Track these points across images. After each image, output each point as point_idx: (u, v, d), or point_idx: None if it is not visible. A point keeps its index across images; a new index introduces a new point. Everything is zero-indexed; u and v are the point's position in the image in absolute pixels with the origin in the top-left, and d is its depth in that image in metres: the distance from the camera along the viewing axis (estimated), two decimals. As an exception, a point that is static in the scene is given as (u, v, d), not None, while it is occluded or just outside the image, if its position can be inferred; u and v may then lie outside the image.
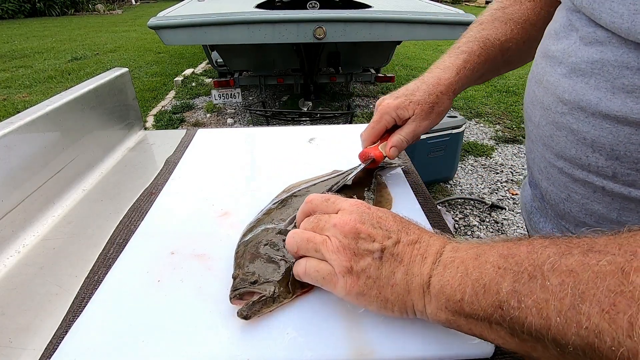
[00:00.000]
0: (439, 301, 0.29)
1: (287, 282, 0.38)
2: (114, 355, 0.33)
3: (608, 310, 0.20)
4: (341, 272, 0.33)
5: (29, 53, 5.97)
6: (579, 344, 0.21)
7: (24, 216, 0.53)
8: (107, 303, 0.39)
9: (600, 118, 0.35)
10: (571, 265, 0.23)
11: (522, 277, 0.25)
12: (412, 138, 0.54)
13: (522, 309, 0.24)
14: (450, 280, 0.29)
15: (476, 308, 0.27)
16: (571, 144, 0.39)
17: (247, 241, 0.44)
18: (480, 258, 0.28)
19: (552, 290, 0.23)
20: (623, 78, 0.33)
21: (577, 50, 0.38)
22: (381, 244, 0.32)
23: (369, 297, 0.32)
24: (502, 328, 0.26)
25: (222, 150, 0.71)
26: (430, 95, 0.53)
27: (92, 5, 11.56)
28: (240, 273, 0.39)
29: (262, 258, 0.40)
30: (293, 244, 0.36)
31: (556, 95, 0.40)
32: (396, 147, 0.54)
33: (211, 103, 3.82)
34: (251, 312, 0.35)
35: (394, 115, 0.54)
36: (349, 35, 2.39)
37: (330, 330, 0.35)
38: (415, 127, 0.54)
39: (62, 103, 0.62)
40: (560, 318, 0.22)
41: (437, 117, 0.55)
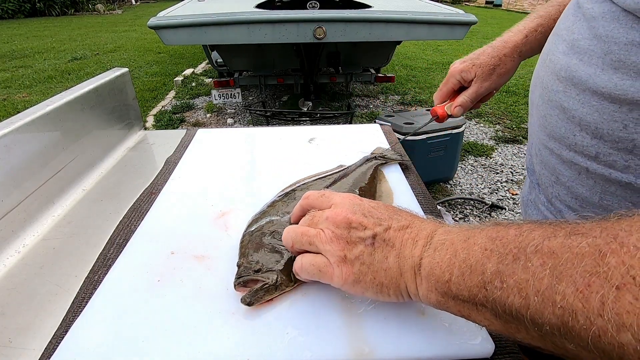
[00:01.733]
0: (429, 282, 0.30)
1: (289, 270, 0.39)
2: (114, 355, 0.33)
3: (582, 290, 0.21)
4: (336, 261, 0.34)
5: (29, 53, 5.97)
6: (554, 323, 0.22)
7: (24, 216, 0.53)
8: (107, 303, 0.39)
9: (589, 95, 0.36)
10: (553, 247, 0.23)
11: (507, 258, 0.25)
12: (474, 98, 0.59)
13: (504, 289, 0.24)
14: (439, 262, 0.29)
15: (462, 288, 0.27)
16: (561, 122, 0.39)
17: (252, 231, 0.45)
18: (469, 240, 0.28)
19: (533, 271, 0.23)
20: (611, 54, 0.34)
21: (579, 27, 0.38)
22: (372, 231, 0.33)
23: (364, 283, 0.33)
24: (487, 309, 0.26)
25: (222, 150, 0.71)
26: (493, 58, 0.58)
27: (92, 5, 11.55)
28: (245, 261, 0.40)
29: (266, 248, 0.42)
30: (288, 239, 0.37)
31: (554, 72, 0.40)
32: (460, 106, 0.59)
33: (211, 103, 3.82)
34: (254, 299, 0.36)
35: (458, 78, 0.60)
36: (349, 35, 2.39)
37: (330, 330, 0.35)
38: (477, 87, 0.59)
39: (62, 103, 0.62)
40: (537, 297, 0.22)
41: (498, 78, 0.58)
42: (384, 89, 4.34)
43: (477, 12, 3.98)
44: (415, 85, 4.38)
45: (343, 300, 0.38)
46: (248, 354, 0.33)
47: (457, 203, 2.35)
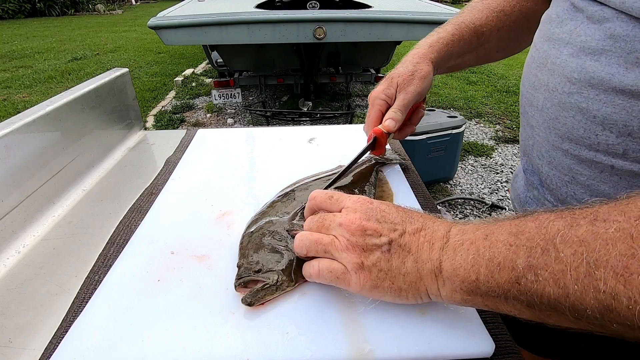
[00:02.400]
0: (453, 283, 0.30)
1: (289, 270, 0.39)
2: (114, 355, 0.33)
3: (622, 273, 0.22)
4: (353, 269, 0.34)
5: (29, 53, 5.97)
6: (596, 307, 0.23)
7: (24, 216, 0.53)
8: (107, 303, 0.39)
9: (613, 94, 0.36)
10: (581, 236, 0.24)
11: (536, 251, 0.26)
12: (403, 106, 0.56)
13: (540, 282, 0.25)
14: (462, 263, 0.29)
15: (492, 286, 0.28)
16: (579, 123, 0.39)
17: (251, 232, 0.45)
18: (490, 238, 0.29)
19: (567, 261, 0.24)
20: (636, 52, 0.34)
21: (586, 29, 0.38)
22: (388, 237, 0.33)
23: (382, 288, 0.33)
24: (519, 302, 0.27)
25: (222, 150, 0.71)
26: (407, 67, 0.57)
27: (92, 5, 11.56)
28: (245, 262, 0.40)
29: (266, 248, 0.42)
30: (302, 247, 0.37)
31: (563, 75, 0.40)
32: (391, 119, 0.55)
33: (211, 103, 3.82)
34: (255, 299, 0.36)
35: (383, 97, 0.57)
36: (349, 35, 2.39)
37: (330, 329, 0.35)
38: (403, 95, 0.56)
39: (62, 103, 0.62)
40: (577, 286, 0.23)
41: (420, 81, 0.56)
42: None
43: (477, 12, 3.99)
44: (415, 85, 4.37)
45: (343, 300, 0.38)
46: (248, 353, 0.33)
47: (457, 203, 2.35)
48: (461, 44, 0.59)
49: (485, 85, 4.34)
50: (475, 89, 4.26)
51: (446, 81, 4.49)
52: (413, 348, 0.34)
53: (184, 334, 0.35)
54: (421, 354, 0.33)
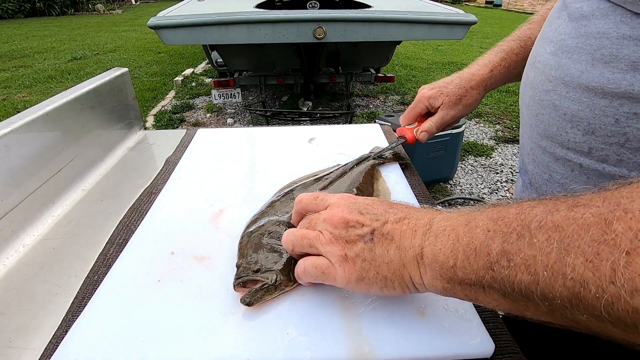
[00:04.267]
0: (434, 270, 0.30)
1: (288, 270, 0.39)
2: (114, 355, 0.33)
3: (592, 259, 0.21)
4: (337, 261, 0.34)
5: (29, 53, 5.97)
6: (565, 296, 0.22)
7: (24, 216, 0.53)
8: (107, 303, 0.39)
9: (580, 91, 0.37)
10: (557, 221, 0.23)
11: (511, 237, 0.25)
12: (440, 125, 0.62)
13: (512, 268, 0.24)
14: (442, 248, 0.29)
15: (468, 272, 0.27)
16: (553, 120, 0.40)
17: (250, 232, 0.45)
18: (471, 224, 0.28)
19: (539, 246, 0.23)
20: (602, 49, 0.35)
21: (565, 27, 0.39)
22: (370, 227, 0.33)
23: (368, 279, 0.33)
24: (495, 290, 0.26)
25: (222, 150, 0.71)
26: (460, 89, 0.60)
27: (92, 5, 11.55)
28: (244, 262, 0.40)
29: (265, 248, 0.42)
30: (288, 242, 0.38)
31: (544, 73, 0.41)
32: (426, 132, 0.62)
33: (211, 103, 3.82)
34: (254, 299, 0.36)
35: (426, 104, 0.62)
36: (349, 35, 2.39)
37: (330, 330, 0.35)
38: (443, 115, 0.61)
39: (62, 103, 0.62)
40: (547, 272, 0.22)
41: (464, 108, 0.61)
42: (384, 89, 4.34)
43: (477, 12, 3.98)
44: (415, 85, 4.38)
45: (343, 300, 0.38)
46: (248, 354, 0.33)
47: (457, 203, 2.35)
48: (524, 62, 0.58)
49: (485, 85, 4.34)
50: (475, 89, 4.26)
51: (446, 81, 4.49)
52: (413, 348, 0.34)
53: (184, 334, 0.35)
54: (421, 354, 0.33)
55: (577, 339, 0.51)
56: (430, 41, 6.35)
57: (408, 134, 0.63)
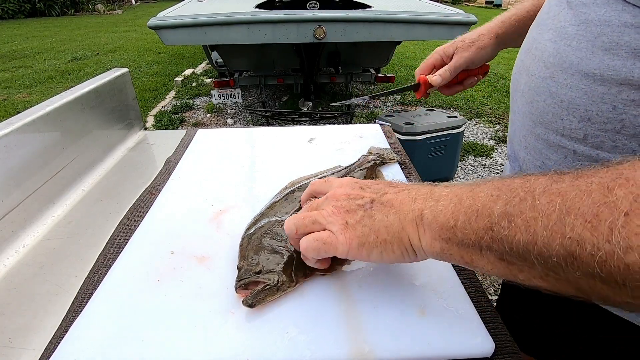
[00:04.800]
0: (433, 230, 0.31)
1: (290, 271, 0.39)
2: (114, 355, 0.33)
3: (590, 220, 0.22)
4: (338, 229, 0.35)
5: (29, 53, 5.97)
6: (561, 254, 0.23)
7: (24, 216, 0.53)
8: (107, 303, 0.39)
9: (578, 78, 0.37)
10: (561, 188, 0.24)
11: (514, 200, 0.26)
12: (454, 69, 0.63)
13: (512, 228, 0.25)
14: (443, 210, 0.30)
15: (468, 232, 0.28)
16: (548, 107, 0.40)
17: (251, 234, 0.45)
18: (475, 190, 0.29)
19: (541, 208, 0.24)
20: (603, 36, 0.35)
21: (565, 14, 0.40)
22: (370, 197, 0.35)
23: (368, 244, 0.34)
24: (492, 252, 0.27)
25: (222, 150, 0.71)
26: (472, 35, 0.64)
27: (92, 5, 11.55)
28: (245, 264, 0.40)
29: (266, 249, 0.42)
30: (291, 225, 0.38)
31: (542, 60, 0.41)
32: (440, 76, 0.63)
33: (211, 103, 3.82)
34: (256, 301, 0.36)
35: (440, 53, 0.65)
36: (349, 35, 2.39)
37: (330, 330, 0.35)
38: (457, 59, 0.63)
39: (62, 103, 0.62)
40: (546, 232, 0.23)
41: (477, 51, 0.63)
42: (384, 89, 4.34)
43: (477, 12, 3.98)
44: (415, 85, 4.38)
45: (343, 300, 0.38)
46: (248, 353, 0.33)
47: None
48: (521, 24, 0.61)
49: (485, 85, 4.34)
50: (475, 89, 4.26)
51: (446, 81, 4.49)
52: (413, 348, 0.34)
53: (183, 334, 0.35)
54: (421, 354, 0.33)
55: (578, 340, 0.51)
56: (430, 41, 6.35)
57: (421, 78, 0.64)
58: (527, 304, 0.60)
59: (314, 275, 0.41)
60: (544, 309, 0.56)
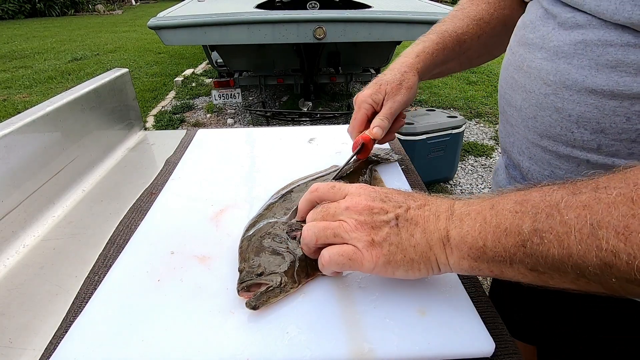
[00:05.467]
0: (461, 251, 0.32)
1: (292, 272, 0.39)
2: (114, 355, 0.33)
3: (622, 232, 0.24)
4: (364, 247, 0.34)
5: (29, 53, 5.97)
6: (598, 265, 0.25)
7: (24, 216, 0.53)
8: (107, 303, 0.39)
9: (586, 94, 0.37)
10: (584, 201, 0.26)
11: (541, 216, 0.27)
12: (390, 115, 0.58)
13: (545, 244, 0.27)
14: (469, 231, 0.31)
15: (499, 251, 0.29)
16: (556, 122, 0.41)
17: (250, 235, 0.45)
18: (496, 207, 0.30)
19: (571, 223, 0.26)
20: (607, 55, 0.35)
21: (557, 35, 0.40)
22: (394, 213, 0.35)
23: (395, 263, 0.34)
24: (524, 265, 0.29)
25: (222, 150, 0.71)
26: (396, 75, 0.58)
27: (92, 5, 11.56)
28: (246, 266, 0.40)
29: (267, 250, 0.41)
30: (312, 236, 0.37)
31: (539, 78, 0.42)
32: (378, 127, 0.57)
33: (211, 103, 3.82)
34: (259, 303, 0.36)
35: (370, 102, 0.58)
36: (349, 35, 2.39)
37: (330, 329, 0.35)
38: (390, 104, 0.58)
39: (62, 103, 0.62)
40: (581, 246, 0.25)
41: (407, 91, 0.58)
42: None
43: (477, 12, 3.98)
44: (415, 85, 4.37)
45: (343, 300, 0.38)
46: (248, 353, 0.33)
47: (457, 203, 2.34)
48: (445, 52, 0.61)
49: (485, 85, 4.34)
50: (475, 89, 4.26)
51: (446, 81, 4.49)
52: (413, 348, 0.34)
53: (184, 334, 0.35)
54: (421, 353, 0.33)
55: (579, 341, 0.51)
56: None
57: (362, 137, 0.56)
58: (521, 298, 0.60)
59: (316, 276, 0.41)
60: (540, 305, 0.56)
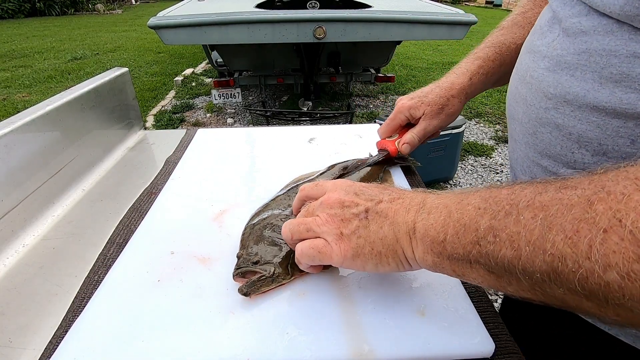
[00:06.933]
0: (425, 244, 0.31)
1: (286, 264, 0.40)
2: (114, 355, 0.33)
3: (571, 236, 0.22)
4: (333, 239, 0.35)
5: (29, 53, 5.96)
6: (544, 270, 0.23)
7: (24, 216, 0.53)
8: (107, 303, 0.39)
9: (587, 111, 0.35)
10: (544, 201, 0.24)
11: (499, 214, 0.26)
12: (423, 136, 0.60)
13: (497, 243, 0.25)
14: (433, 224, 0.30)
15: (457, 247, 0.28)
16: (556, 140, 0.38)
17: (253, 224, 0.46)
18: (463, 202, 0.29)
19: (524, 223, 0.24)
20: (611, 67, 0.33)
21: (562, 42, 0.37)
22: (365, 206, 0.34)
23: (363, 256, 0.34)
24: (481, 265, 0.27)
25: (222, 150, 0.71)
26: (441, 98, 0.58)
27: (92, 5, 11.55)
28: (244, 253, 0.41)
29: (266, 240, 0.43)
30: (287, 232, 0.38)
31: (540, 90, 0.39)
32: (408, 144, 0.59)
33: (211, 103, 3.82)
34: (251, 290, 0.37)
35: (407, 114, 0.60)
36: (349, 35, 2.39)
37: (329, 330, 0.35)
38: (425, 125, 0.59)
39: (62, 103, 0.62)
40: (529, 247, 0.23)
41: (446, 118, 0.59)
42: (384, 89, 4.34)
43: (477, 12, 3.99)
44: (415, 85, 4.38)
45: (343, 300, 0.38)
46: (248, 353, 0.33)
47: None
48: (502, 68, 0.58)
49: (485, 85, 4.34)
50: (475, 89, 4.26)
51: (446, 81, 4.49)
52: (413, 348, 0.34)
53: (184, 334, 0.35)
54: (421, 354, 0.33)
55: (579, 342, 0.51)
56: (430, 41, 6.35)
57: (390, 147, 0.61)
58: (532, 313, 0.59)
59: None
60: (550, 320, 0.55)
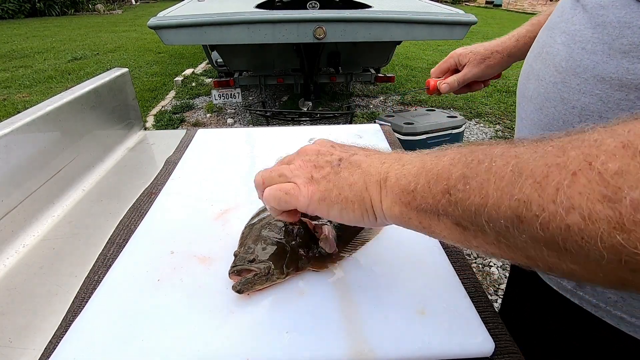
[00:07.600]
0: (394, 193, 0.30)
1: (282, 263, 0.40)
2: (114, 355, 0.33)
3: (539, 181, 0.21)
4: (302, 182, 0.35)
5: (29, 53, 5.97)
6: (508, 216, 0.22)
7: (24, 216, 0.53)
8: (107, 303, 0.39)
9: (593, 83, 0.36)
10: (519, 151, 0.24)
11: (472, 163, 0.25)
12: (463, 81, 0.69)
13: (467, 191, 0.25)
14: (406, 173, 0.30)
15: (426, 196, 0.28)
16: (559, 114, 0.39)
17: (252, 224, 0.47)
18: (439, 154, 0.29)
19: (495, 170, 0.23)
20: (622, 38, 0.33)
21: (580, 18, 0.38)
22: (339, 155, 0.35)
23: (329, 200, 0.33)
24: (448, 218, 0.27)
25: (222, 150, 0.71)
26: (486, 50, 0.67)
27: (92, 5, 11.55)
28: (241, 251, 0.41)
29: (264, 240, 0.43)
30: (259, 178, 0.38)
31: (553, 64, 0.40)
32: (447, 84, 0.69)
33: (211, 103, 3.82)
34: (244, 287, 0.38)
35: (455, 59, 0.70)
36: (349, 35, 2.39)
37: (329, 330, 0.35)
38: (466, 72, 0.68)
39: (62, 103, 0.62)
40: (497, 193, 0.23)
41: (486, 69, 0.67)
42: (384, 89, 4.34)
43: (477, 12, 4.00)
44: (415, 85, 4.38)
45: (343, 300, 0.38)
46: (247, 353, 0.33)
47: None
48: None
49: (485, 85, 4.34)
50: (475, 89, 4.26)
51: (446, 81, 4.49)
52: (412, 348, 0.34)
53: (183, 334, 0.35)
54: (421, 353, 0.33)
55: (579, 341, 0.51)
56: (430, 41, 6.35)
57: (431, 83, 0.72)
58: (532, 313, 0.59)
59: (305, 271, 0.42)
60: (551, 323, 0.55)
